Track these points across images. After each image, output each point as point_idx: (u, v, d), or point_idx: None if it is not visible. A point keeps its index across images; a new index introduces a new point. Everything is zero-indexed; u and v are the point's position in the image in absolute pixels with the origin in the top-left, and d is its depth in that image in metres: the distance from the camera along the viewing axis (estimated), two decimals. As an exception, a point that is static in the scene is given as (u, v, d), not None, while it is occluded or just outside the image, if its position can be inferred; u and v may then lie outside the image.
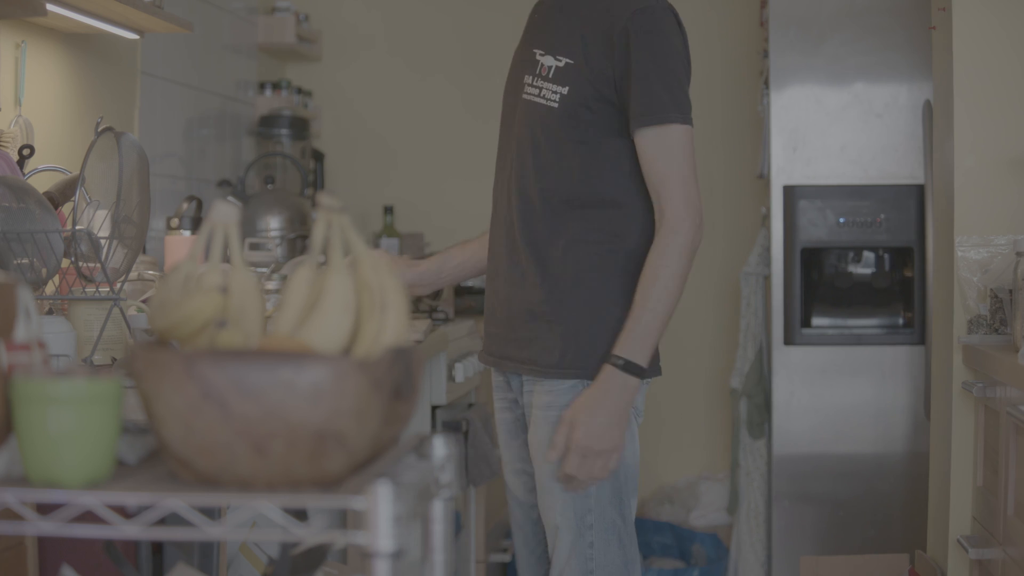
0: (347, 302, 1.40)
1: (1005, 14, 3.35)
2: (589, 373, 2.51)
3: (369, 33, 5.41)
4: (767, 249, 4.46)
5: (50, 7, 2.99)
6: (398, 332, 1.39)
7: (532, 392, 2.57)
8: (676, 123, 2.48)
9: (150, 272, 3.26)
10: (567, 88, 2.52)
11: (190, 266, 1.45)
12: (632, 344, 2.46)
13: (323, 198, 1.43)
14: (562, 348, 2.53)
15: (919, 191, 4.27)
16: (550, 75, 2.55)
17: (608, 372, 2.46)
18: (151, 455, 1.40)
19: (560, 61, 2.54)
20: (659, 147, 2.49)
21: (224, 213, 1.44)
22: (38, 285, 2.43)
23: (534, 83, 2.58)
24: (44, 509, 1.27)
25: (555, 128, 2.54)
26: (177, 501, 1.21)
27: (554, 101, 2.53)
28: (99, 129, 2.59)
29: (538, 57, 2.58)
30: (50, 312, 2.56)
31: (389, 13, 5.41)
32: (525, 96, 2.59)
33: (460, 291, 4.90)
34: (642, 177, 2.53)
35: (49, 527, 1.21)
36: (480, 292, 4.99)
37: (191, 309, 1.35)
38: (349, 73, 5.43)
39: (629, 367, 2.46)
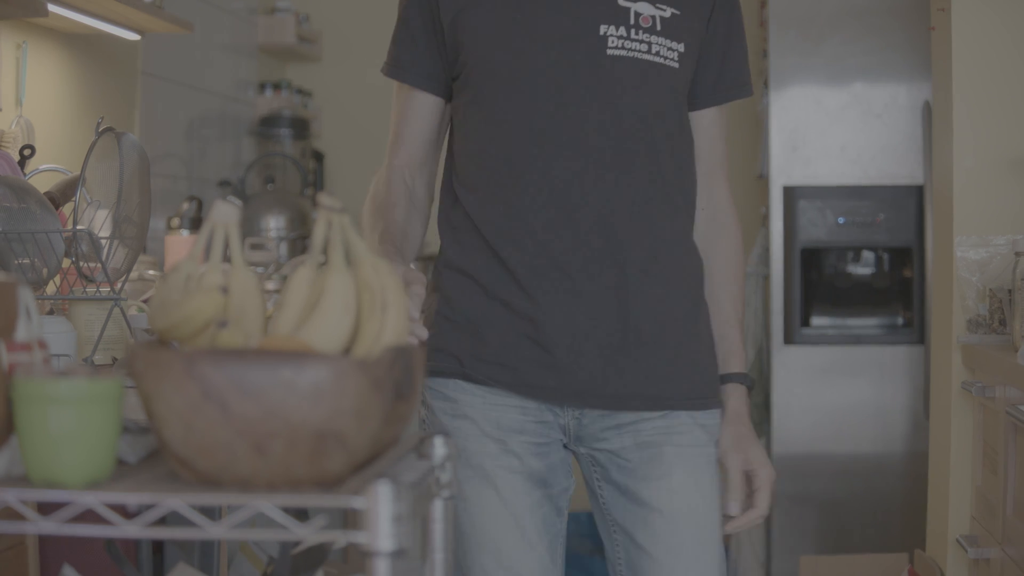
0: (347, 302, 1.40)
1: (1005, 14, 3.36)
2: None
3: (369, 33, 5.42)
4: (767, 249, 4.47)
5: (51, 7, 2.99)
6: (399, 332, 1.40)
7: (669, 430, 2.07)
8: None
9: (151, 272, 3.26)
10: (683, 45, 2.05)
11: (190, 266, 1.46)
12: (744, 358, 2.19)
13: (323, 198, 1.44)
14: (712, 372, 2.13)
15: (918, 191, 4.28)
16: (657, 27, 2.04)
17: (744, 394, 2.15)
18: (151, 454, 1.40)
19: (664, 10, 2.04)
20: (726, 123, 2.18)
21: (224, 213, 1.44)
22: (39, 285, 2.44)
23: (636, 36, 2.03)
24: (45, 509, 1.28)
25: (680, 96, 2.08)
26: (178, 501, 1.21)
27: (674, 60, 2.04)
28: (99, 129, 2.59)
29: (623, 3, 2.03)
30: (51, 312, 2.57)
31: (389, 13, 5.41)
32: (617, 52, 2.02)
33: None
34: None
35: (50, 526, 1.21)
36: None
37: (191, 309, 1.36)
38: (349, 73, 5.43)
39: (751, 384, 2.19)
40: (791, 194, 4.34)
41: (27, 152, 3.07)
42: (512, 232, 2.04)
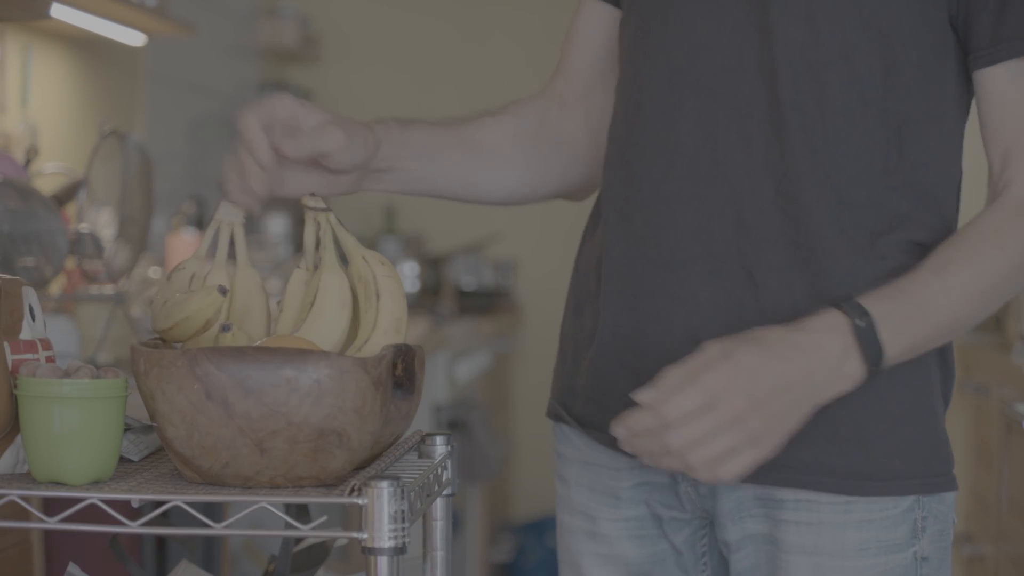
0: (343, 298, 1.42)
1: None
2: (931, 483, 1.43)
3: (370, 35, 5.44)
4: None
5: (55, 9, 3.01)
6: (395, 317, 1.40)
7: (800, 528, 1.41)
8: None
9: (153, 269, 3.28)
10: None
11: (195, 264, 1.47)
12: (897, 309, 1.35)
13: (307, 199, 1.45)
14: (897, 445, 1.41)
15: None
16: None
17: (833, 320, 1.34)
18: (154, 453, 1.42)
19: None
20: None
21: (230, 212, 1.46)
22: (42, 285, 2.46)
23: None
24: (50, 507, 1.29)
25: (895, 39, 1.39)
26: (181, 499, 1.23)
27: None
28: (103, 131, 2.61)
29: None
30: (55, 312, 2.59)
31: (390, 15, 5.43)
32: None
33: (461, 291, 4.93)
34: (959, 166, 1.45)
35: (54, 524, 1.22)
36: (483, 294, 5.00)
37: (192, 309, 1.37)
38: (350, 75, 5.45)
39: (867, 337, 1.33)
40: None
41: (32, 154, 3.09)
42: (624, 207, 1.48)
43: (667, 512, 1.50)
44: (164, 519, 1.27)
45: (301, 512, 1.63)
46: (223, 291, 1.38)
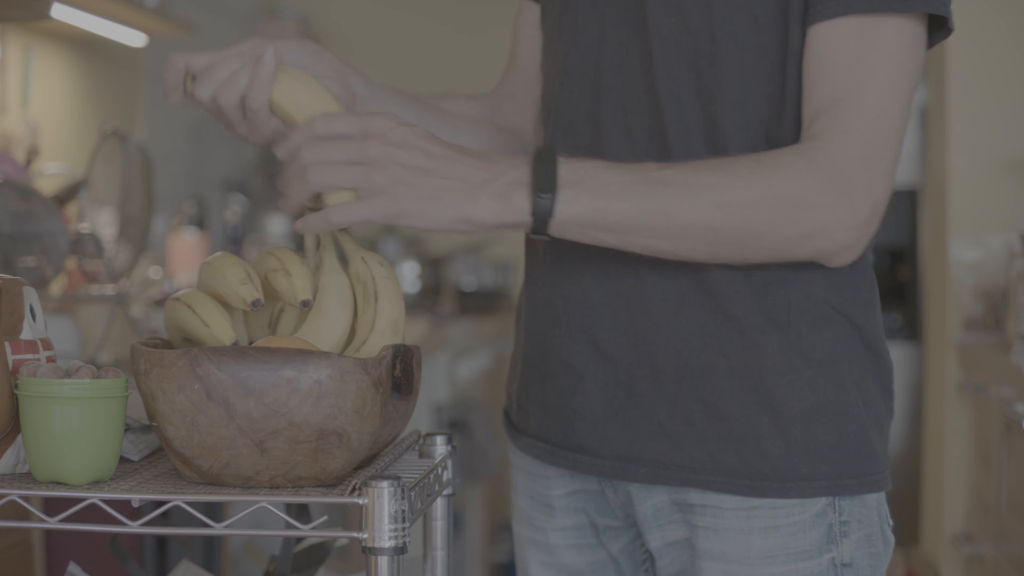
0: (343, 300, 1.42)
1: (998, 17, 3.38)
2: (841, 485, 1.38)
3: (371, 35, 5.44)
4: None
5: (56, 9, 3.01)
6: (393, 319, 1.41)
7: (707, 531, 1.38)
8: (897, 13, 1.28)
9: (154, 268, 3.29)
10: None
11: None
12: (597, 178, 1.26)
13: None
14: (788, 444, 1.35)
15: (912, 193, 4.30)
16: None
17: (517, 159, 1.28)
18: (154, 452, 1.43)
19: None
20: (857, 46, 1.29)
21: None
22: (43, 285, 2.46)
23: None
24: (50, 506, 1.29)
25: (764, 9, 1.33)
26: (181, 499, 1.23)
27: None
28: (104, 132, 2.62)
29: None
30: (56, 312, 2.59)
31: (390, 15, 5.44)
32: None
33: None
34: None
35: (55, 524, 1.23)
36: (483, 294, 5.00)
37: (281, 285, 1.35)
38: (350, 74, 5.46)
39: (541, 185, 1.25)
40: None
41: (32, 154, 3.09)
42: None
43: (602, 520, 1.50)
44: (164, 519, 1.27)
45: (301, 512, 1.63)
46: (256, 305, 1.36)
